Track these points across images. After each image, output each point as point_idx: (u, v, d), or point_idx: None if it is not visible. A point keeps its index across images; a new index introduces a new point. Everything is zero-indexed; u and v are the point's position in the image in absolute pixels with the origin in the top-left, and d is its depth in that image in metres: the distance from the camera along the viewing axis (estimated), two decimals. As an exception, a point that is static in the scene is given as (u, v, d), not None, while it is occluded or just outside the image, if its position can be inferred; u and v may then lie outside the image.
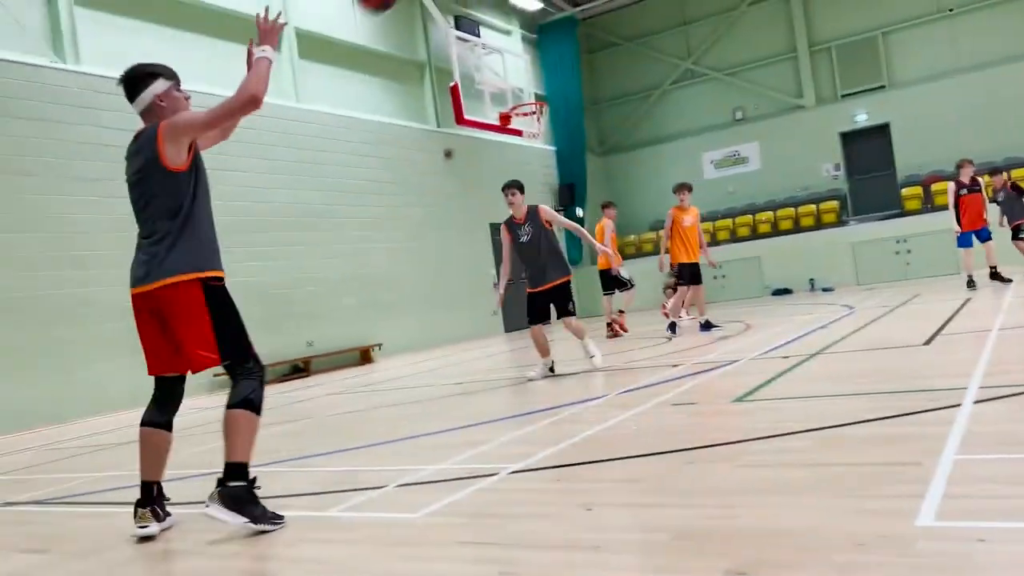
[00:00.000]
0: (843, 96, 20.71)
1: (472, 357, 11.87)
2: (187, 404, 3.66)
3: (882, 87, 20.24)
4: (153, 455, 3.44)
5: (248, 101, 3.17)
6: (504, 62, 14.24)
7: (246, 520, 3.14)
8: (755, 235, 20.27)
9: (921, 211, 18.06)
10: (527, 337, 8.38)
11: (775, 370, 5.85)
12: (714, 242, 20.10)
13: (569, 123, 20.71)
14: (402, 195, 16.00)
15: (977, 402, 3.78)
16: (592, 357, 7.38)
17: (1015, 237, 11.76)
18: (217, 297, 3.30)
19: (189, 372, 3.39)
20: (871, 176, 20.41)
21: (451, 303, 16.56)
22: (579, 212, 21.44)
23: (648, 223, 22.69)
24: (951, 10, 19.35)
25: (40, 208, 10.35)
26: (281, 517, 3.23)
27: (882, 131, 20.18)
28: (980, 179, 11.68)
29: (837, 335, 7.76)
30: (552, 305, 7.39)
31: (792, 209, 20.33)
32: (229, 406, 3.26)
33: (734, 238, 20.40)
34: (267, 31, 3.35)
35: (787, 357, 6.54)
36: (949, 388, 4.20)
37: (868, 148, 20.44)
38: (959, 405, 3.74)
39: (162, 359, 3.38)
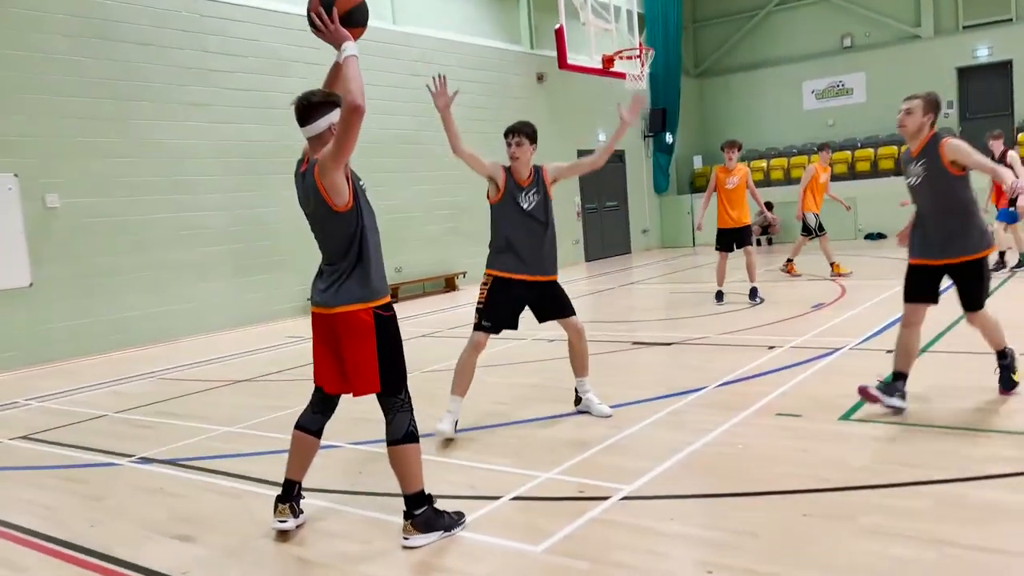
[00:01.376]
0: (965, 28, 19.28)
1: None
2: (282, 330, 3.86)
3: (1009, 20, 18.74)
4: (299, 457, 3.74)
5: (353, 111, 3.21)
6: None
7: (442, 533, 3.48)
8: (852, 174, 19.47)
9: (1037, 160, 16.97)
10: (610, 264, 7.46)
11: (878, 371, 5.78)
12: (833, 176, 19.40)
13: (667, 43, 19.84)
14: (493, 120, 15.84)
15: (1104, 466, 3.70)
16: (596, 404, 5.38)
17: None
18: (387, 328, 3.47)
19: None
20: (986, 117, 19.16)
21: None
22: (669, 138, 20.88)
23: (742, 154, 21.94)
24: (1100, -64, 17.56)
25: (147, 133, 10.66)
26: (462, 515, 3.61)
27: (1003, 69, 18.86)
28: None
29: (944, 319, 7.53)
30: (533, 308, 5.29)
31: (895, 148, 19.36)
32: (394, 442, 3.48)
33: (831, 175, 19.61)
34: (333, 30, 3.34)
35: (890, 351, 6.42)
36: (1072, 436, 4.11)
37: (986, 87, 19.16)
38: (1085, 468, 3.68)
39: (327, 376, 3.60)
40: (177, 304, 10.89)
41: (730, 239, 9.97)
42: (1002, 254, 10.92)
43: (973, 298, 4.83)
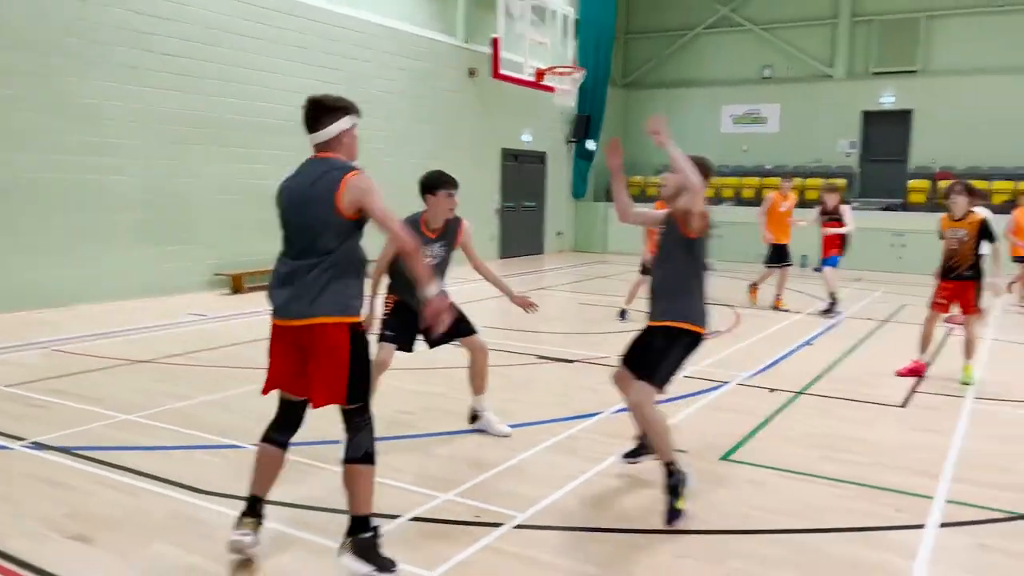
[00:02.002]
0: (874, 73, 20.45)
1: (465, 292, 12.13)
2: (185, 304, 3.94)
3: (914, 71, 19.99)
4: (264, 472, 3.61)
5: (402, 248, 3.41)
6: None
7: (373, 569, 3.39)
8: (759, 199, 20.37)
9: (923, 206, 18.23)
10: (523, 264, 7.08)
11: (762, 412, 6.24)
12: (717, 199, 20.25)
13: (599, 51, 20.25)
14: (421, 109, 15.85)
15: (943, 525, 4.17)
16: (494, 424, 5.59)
17: None
18: (359, 342, 3.40)
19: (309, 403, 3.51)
20: (886, 160, 20.43)
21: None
22: (591, 145, 21.33)
23: (654, 167, 22.65)
24: (1000, 7, 18.93)
25: (65, 90, 10.24)
26: (395, 564, 3.45)
27: (904, 117, 20.10)
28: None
29: (822, 362, 8.13)
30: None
31: (801, 180, 20.37)
32: (352, 460, 3.42)
33: (738, 199, 20.50)
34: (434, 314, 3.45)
35: (773, 391, 6.93)
36: (916, 494, 4.59)
37: (887, 132, 20.39)
38: (923, 526, 4.14)
39: (286, 380, 3.50)
40: (79, 268, 10.53)
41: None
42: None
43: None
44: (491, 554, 3.76)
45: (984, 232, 7.24)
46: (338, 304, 3.35)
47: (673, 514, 4.10)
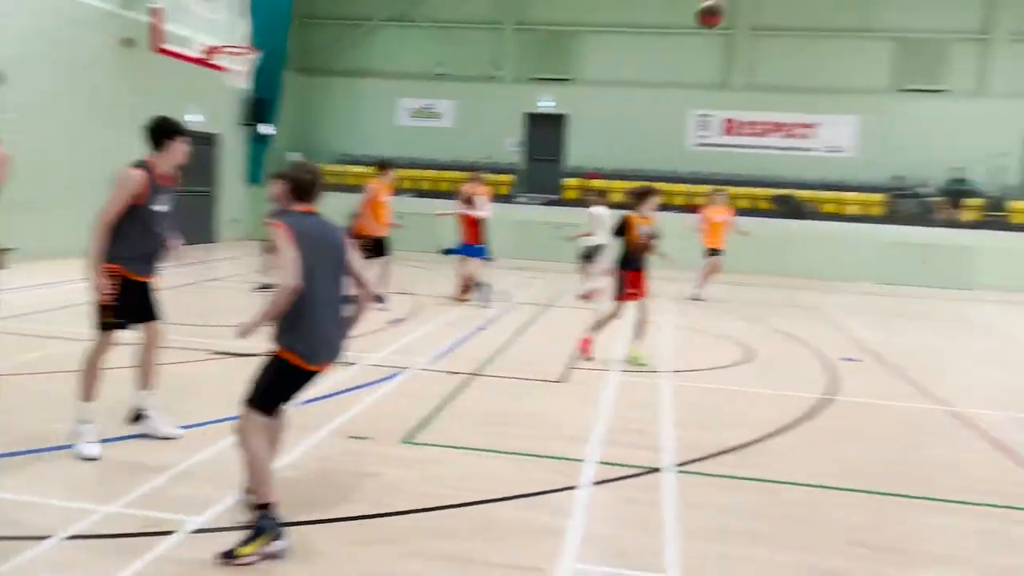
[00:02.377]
0: (534, 79, 22.29)
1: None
2: None
3: (568, 80, 22.16)
4: None
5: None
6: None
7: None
8: (437, 192, 21.19)
9: (577, 203, 20.30)
10: (192, 253, 6.13)
11: (440, 394, 6.54)
12: (399, 191, 20.62)
13: (273, 33, 19.47)
14: (59, 80, 14.00)
15: (595, 484, 4.74)
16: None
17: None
18: None
19: None
20: (547, 160, 22.39)
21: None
22: (266, 129, 20.52)
23: (335, 155, 22.51)
24: (635, 28, 21.69)
25: None
26: None
27: (561, 121, 22.19)
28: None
29: (494, 345, 8.73)
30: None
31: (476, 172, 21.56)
32: None
33: (418, 192, 21.11)
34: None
35: (453, 373, 7.30)
36: (573, 459, 5.15)
37: (546, 134, 22.35)
38: (577, 487, 4.67)
39: None
40: None
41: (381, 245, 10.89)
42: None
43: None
44: (165, 564, 3.51)
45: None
46: None
47: (229, 555, 3.49)
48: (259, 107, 20.00)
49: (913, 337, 11.18)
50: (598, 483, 4.77)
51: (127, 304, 4.86)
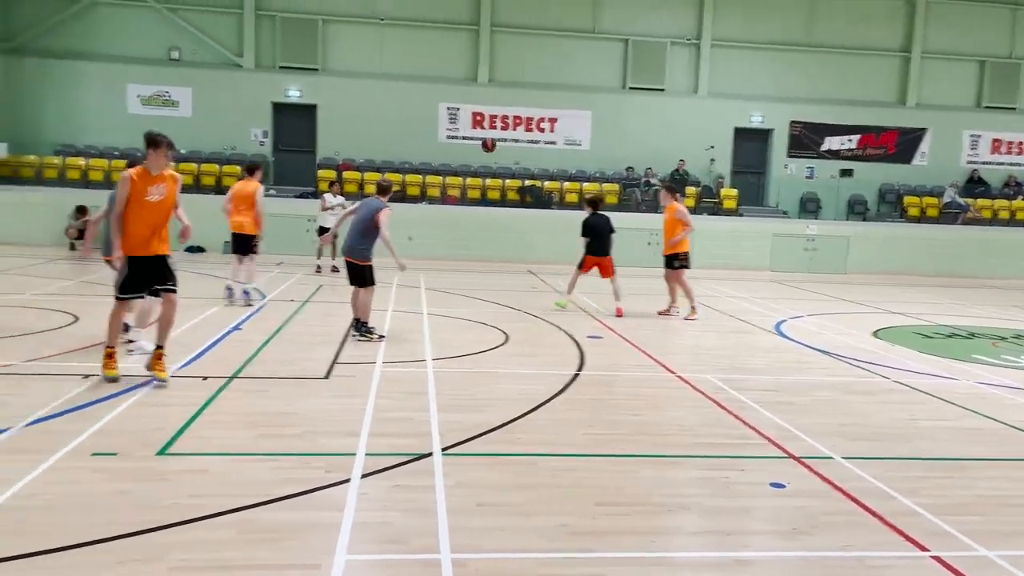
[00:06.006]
0: (281, 68, 21.54)
1: None
2: None
3: (316, 70, 21.67)
4: None
5: None
6: None
7: None
8: (198, 187, 19.79)
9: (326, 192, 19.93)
10: None
11: (197, 400, 6.21)
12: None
13: (-35, 7, 17.07)
14: None
15: (364, 476, 4.78)
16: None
17: None
18: None
19: None
20: (295, 151, 21.74)
21: None
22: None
23: (54, 147, 20.25)
24: (381, 20, 21.70)
25: None
26: None
27: (311, 111, 21.66)
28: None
29: (252, 345, 8.41)
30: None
31: (217, 166, 20.40)
32: None
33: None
34: None
35: (206, 378, 6.93)
36: (342, 453, 5.16)
37: (296, 124, 21.75)
38: (349, 480, 4.69)
39: None
40: None
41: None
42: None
43: None
44: None
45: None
46: None
47: None
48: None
49: (643, 311, 12.35)
50: (367, 475, 4.82)
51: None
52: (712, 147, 22.87)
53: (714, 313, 12.66)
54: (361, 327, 9.03)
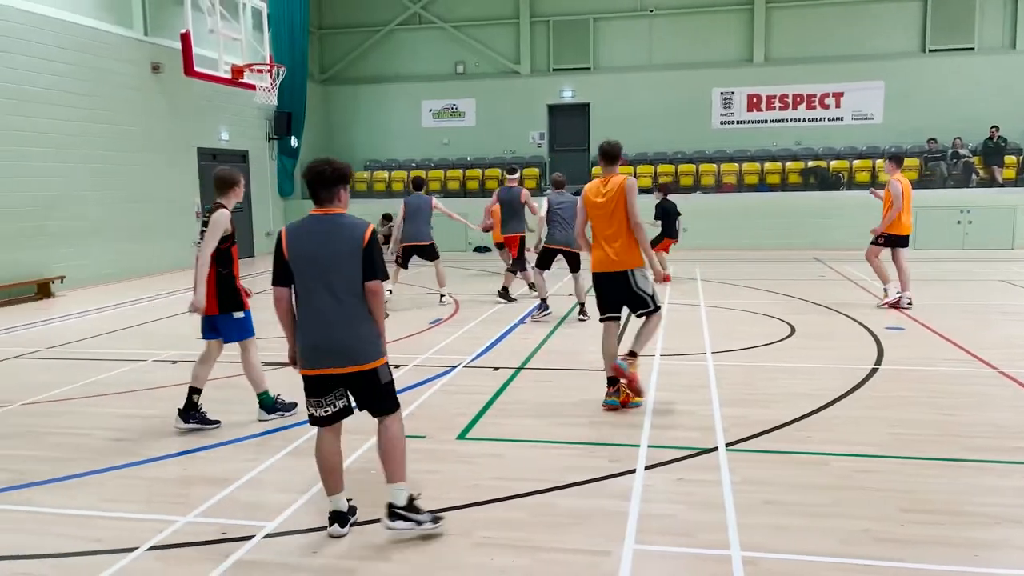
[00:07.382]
0: (554, 70, 22.31)
1: (163, 306, 11.34)
2: None
3: (588, 68, 22.14)
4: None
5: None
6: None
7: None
8: (464, 191, 21.36)
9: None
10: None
11: (489, 389, 6.67)
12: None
13: (293, 46, 19.80)
14: (95, 109, 14.38)
15: (648, 468, 4.82)
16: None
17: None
18: None
19: None
20: (571, 150, 22.41)
21: (149, 232, 15.42)
22: (294, 142, 20.85)
23: (363, 162, 22.78)
24: (651, 11, 21.60)
25: None
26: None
27: (583, 110, 22.19)
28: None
29: (536, 338, 8.84)
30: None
31: (499, 170, 21.66)
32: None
33: (444, 191, 21.29)
34: None
35: (497, 369, 7.42)
36: (625, 444, 5.24)
37: (570, 124, 22.38)
38: (634, 471, 4.76)
39: None
40: None
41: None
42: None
43: None
44: (246, 567, 3.68)
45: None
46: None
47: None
48: (286, 121, 20.31)
49: (948, 301, 11.03)
50: (650, 467, 4.85)
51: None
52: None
53: (1043, 300, 10.97)
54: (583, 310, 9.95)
